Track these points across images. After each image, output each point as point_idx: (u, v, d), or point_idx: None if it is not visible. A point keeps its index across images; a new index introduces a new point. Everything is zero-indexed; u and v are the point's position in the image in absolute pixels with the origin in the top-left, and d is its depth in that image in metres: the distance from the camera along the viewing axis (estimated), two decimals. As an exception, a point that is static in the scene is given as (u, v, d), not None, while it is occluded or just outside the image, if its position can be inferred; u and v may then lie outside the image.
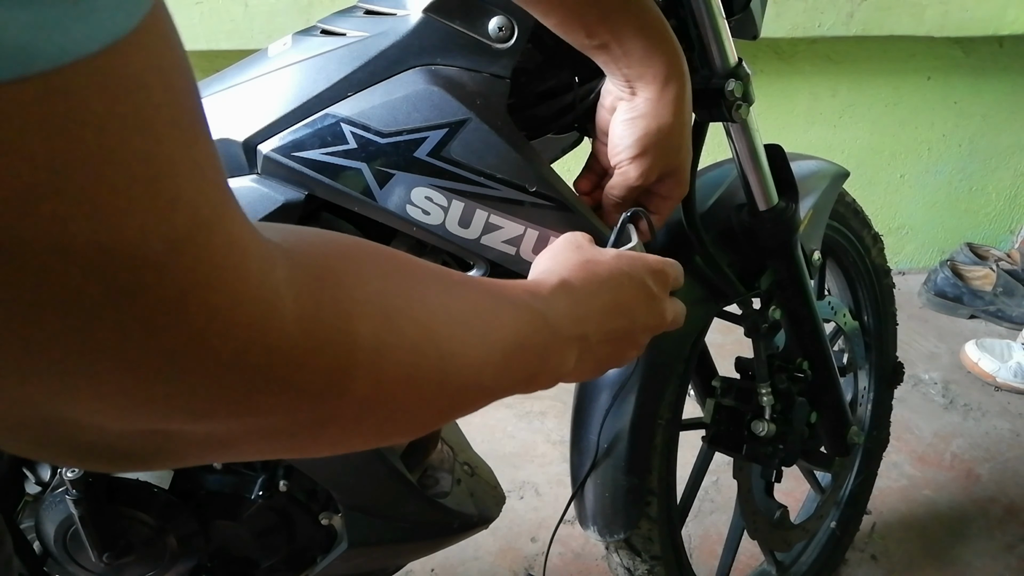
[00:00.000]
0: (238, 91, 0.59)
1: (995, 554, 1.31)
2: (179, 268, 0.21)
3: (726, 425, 0.85)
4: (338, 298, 0.28)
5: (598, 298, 0.46)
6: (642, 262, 0.50)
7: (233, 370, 0.24)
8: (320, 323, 0.27)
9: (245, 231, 0.24)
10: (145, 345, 0.21)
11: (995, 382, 1.72)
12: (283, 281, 0.25)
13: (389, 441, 0.36)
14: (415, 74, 0.56)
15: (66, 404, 0.22)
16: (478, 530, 0.80)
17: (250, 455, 0.31)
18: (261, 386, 0.25)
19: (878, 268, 1.08)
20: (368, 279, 0.31)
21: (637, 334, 0.49)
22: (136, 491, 0.69)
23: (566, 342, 0.43)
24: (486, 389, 0.37)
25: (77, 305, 0.19)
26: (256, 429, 0.27)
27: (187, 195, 0.21)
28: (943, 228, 2.20)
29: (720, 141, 0.68)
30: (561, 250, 0.50)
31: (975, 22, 1.77)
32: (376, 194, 0.56)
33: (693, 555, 1.27)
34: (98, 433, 0.24)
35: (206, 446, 0.27)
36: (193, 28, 1.49)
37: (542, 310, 0.41)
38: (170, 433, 0.25)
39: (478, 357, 0.36)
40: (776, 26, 1.69)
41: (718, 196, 0.78)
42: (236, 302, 0.23)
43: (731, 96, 0.59)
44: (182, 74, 0.21)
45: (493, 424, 1.55)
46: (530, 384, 0.42)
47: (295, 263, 0.27)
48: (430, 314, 0.33)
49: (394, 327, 0.31)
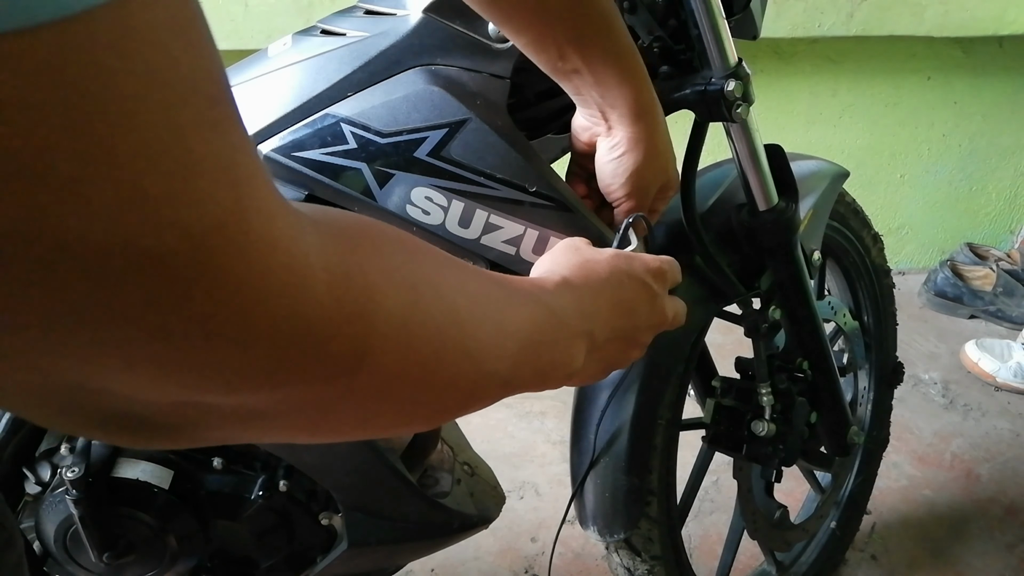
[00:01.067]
0: (238, 91, 0.59)
1: (995, 554, 1.31)
2: (206, 235, 0.20)
3: (726, 425, 0.85)
4: (366, 269, 0.28)
5: (601, 296, 0.46)
6: (640, 261, 0.50)
7: (266, 339, 0.23)
8: (350, 292, 0.26)
9: (274, 197, 0.23)
10: (176, 313, 0.20)
11: (995, 382, 1.72)
12: (313, 250, 0.25)
13: (412, 424, 0.36)
14: (415, 74, 0.56)
15: (97, 373, 0.21)
16: (478, 530, 0.80)
17: (278, 432, 0.30)
18: (294, 356, 0.25)
19: (878, 268, 1.08)
20: (392, 253, 0.31)
21: (640, 332, 0.50)
22: (136, 491, 0.69)
23: (575, 337, 0.43)
24: (503, 379, 0.37)
25: (103, 273, 0.18)
26: (287, 402, 0.26)
27: (211, 159, 0.20)
28: (943, 228, 2.20)
29: (720, 141, 0.68)
30: (560, 252, 0.50)
31: (975, 22, 1.77)
32: (376, 194, 0.56)
33: (693, 555, 1.27)
34: (128, 403, 0.24)
35: (236, 420, 0.27)
36: (193, 28, 1.49)
37: (550, 304, 0.41)
38: (201, 405, 0.25)
39: (496, 344, 0.36)
40: (776, 26, 1.69)
41: (718, 196, 0.78)
42: (267, 269, 0.22)
43: (731, 96, 0.59)
44: (201, 31, 0.20)
45: (493, 424, 1.55)
46: (543, 380, 0.41)
47: (325, 231, 0.27)
48: (452, 295, 0.33)
49: (420, 301, 0.31)
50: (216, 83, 0.21)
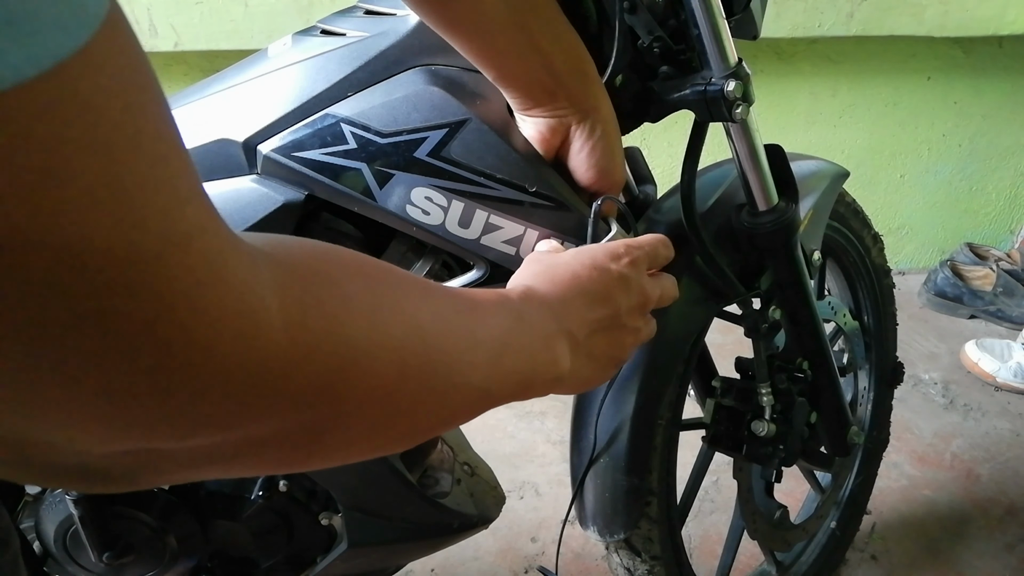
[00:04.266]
0: (238, 91, 0.59)
1: (995, 554, 1.31)
2: (152, 287, 0.20)
3: (726, 425, 0.85)
4: (324, 299, 0.28)
5: (569, 294, 0.46)
6: (600, 250, 0.50)
7: (219, 385, 0.23)
8: (308, 328, 0.26)
9: (226, 243, 0.23)
10: (120, 368, 0.20)
11: (995, 382, 1.72)
12: (269, 288, 0.25)
13: (386, 450, 0.35)
14: (415, 74, 0.56)
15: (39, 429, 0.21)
16: (478, 530, 0.80)
17: (241, 471, 0.29)
18: (250, 398, 0.24)
19: (878, 268, 1.08)
20: (350, 280, 0.31)
21: (625, 317, 0.49)
22: (136, 491, 0.69)
23: (551, 339, 0.43)
24: (479, 390, 0.37)
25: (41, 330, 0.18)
26: (246, 443, 0.26)
27: (155, 215, 0.20)
28: (943, 228, 2.20)
29: (720, 141, 0.68)
30: (523, 267, 0.50)
31: (975, 22, 1.77)
32: (376, 194, 0.56)
33: (693, 555, 1.27)
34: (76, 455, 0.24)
35: (192, 464, 0.26)
36: (193, 28, 1.49)
37: (517, 310, 0.42)
38: (153, 452, 0.25)
39: (466, 356, 0.36)
40: (776, 26, 1.69)
41: (718, 196, 0.78)
42: (219, 315, 0.22)
43: (731, 96, 0.59)
44: (143, 90, 0.20)
45: (493, 424, 1.55)
46: (527, 387, 0.41)
47: (279, 266, 0.26)
48: (414, 312, 0.33)
49: (381, 326, 0.30)
50: (161, 140, 0.21)
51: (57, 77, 0.17)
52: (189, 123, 0.60)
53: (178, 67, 1.62)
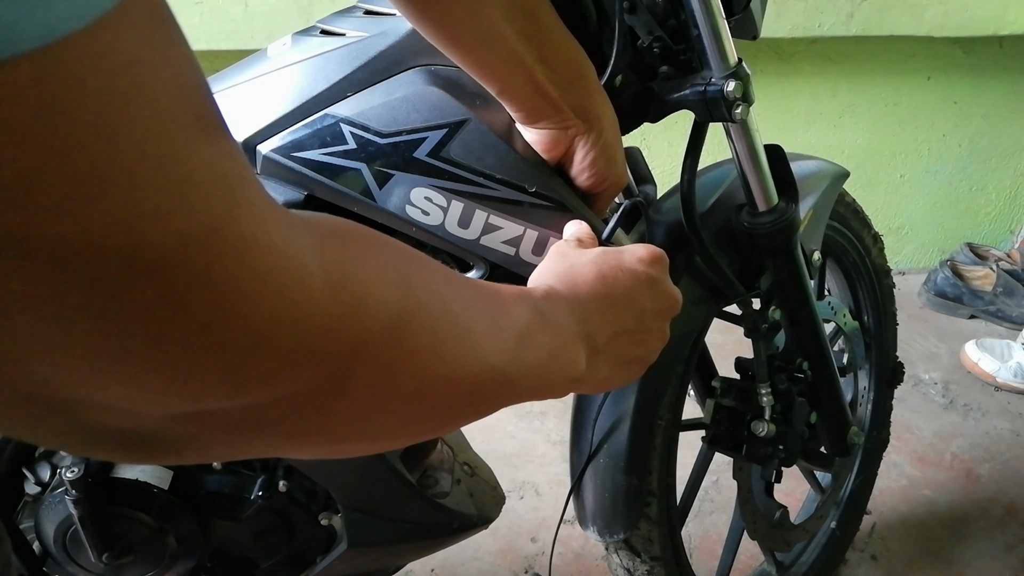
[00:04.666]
0: (238, 91, 0.59)
1: (995, 554, 1.31)
2: (202, 243, 0.20)
3: (726, 425, 0.85)
4: (361, 264, 0.29)
5: (592, 298, 0.45)
6: (630, 252, 0.49)
7: (266, 340, 0.24)
8: (347, 288, 0.27)
9: (267, 201, 0.24)
10: (174, 322, 0.21)
11: (995, 382, 1.72)
12: (308, 249, 0.25)
13: (417, 426, 0.35)
14: (415, 74, 0.56)
15: (96, 387, 0.22)
16: (478, 530, 0.80)
17: (280, 440, 0.30)
18: (294, 354, 0.25)
19: (878, 268, 1.08)
20: (383, 251, 0.31)
21: (649, 320, 0.49)
22: (136, 491, 0.69)
23: (571, 341, 0.42)
24: (506, 376, 0.36)
25: (98, 286, 0.19)
26: (287, 402, 0.27)
27: (202, 169, 0.20)
28: (943, 228, 2.20)
29: (720, 141, 0.68)
30: (548, 260, 0.50)
31: (975, 22, 1.77)
32: (376, 194, 0.56)
33: (693, 555, 1.27)
34: (127, 419, 0.24)
35: (236, 429, 0.27)
36: (193, 28, 1.49)
37: (540, 307, 0.41)
38: (202, 416, 0.25)
39: (494, 339, 0.35)
40: (776, 26, 1.69)
41: (718, 196, 0.78)
42: (264, 271, 0.23)
43: (731, 96, 0.59)
44: (179, 47, 0.20)
45: (493, 424, 1.55)
46: (548, 384, 0.41)
47: (317, 231, 0.27)
48: (443, 292, 0.33)
49: (413, 295, 0.31)
50: (200, 97, 0.21)
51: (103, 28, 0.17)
52: (189, 123, 0.59)
53: (178, 67, 1.62)
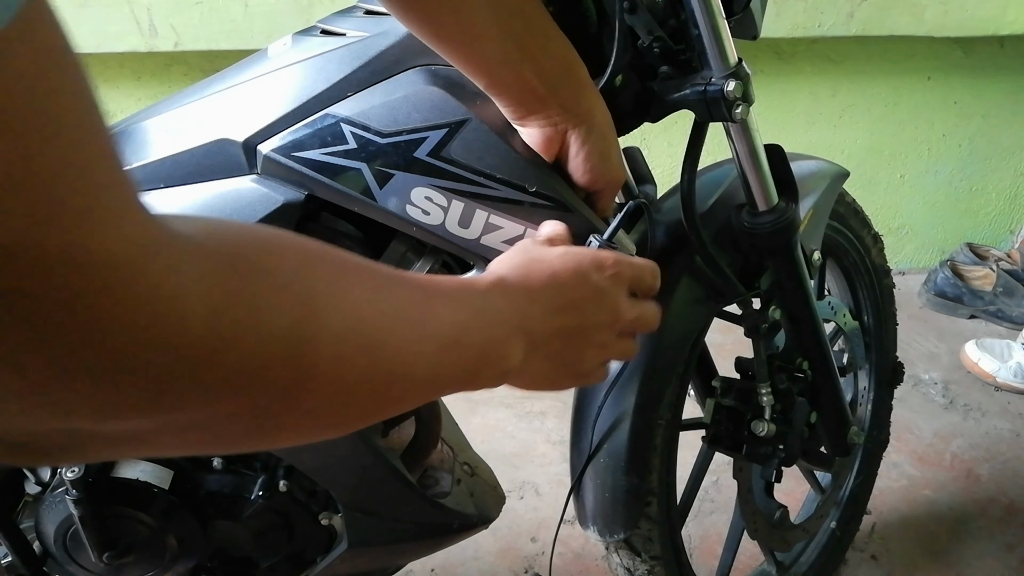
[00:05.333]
0: (238, 91, 0.59)
1: (995, 554, 1.31)
2: (67, 270, 0.20)
3: (726, 425, 0.85)
4: (253, 290, 0.28)
5: (540, 294, 0.45)
6: (588, 256, 0.49)
7: (134, 371, 0.23)
8: (231, 318, 0.26)
9: (147, 229, 0.23)
10: (35, 349, 0.20)
11: (995, 382, 1.72)
12: (192, 276, 0.25)
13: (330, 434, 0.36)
14: (415, 74, 0.56)
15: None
16: (478, 530, 0.80)
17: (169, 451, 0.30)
18: (167, 385, 0.24)
19: (878, 268, 1.08)
20: (283, 270, 0.31)
21: (590, 331, 0.48)
22: (136, 491, 0.69)
23: (507, 336, 0.43)
24: (422, 381, 0.37)
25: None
26: (169, 425, 0.26)
27: (76, 197, 0.20)
28: (943, 228, 2.20)
29: (720, 141, 0.68)
30: (509, 252, 0.50)
31: (975, 22, 1.77)
32: (376, 194, 0.56)
33: (693, 555, 1.27)
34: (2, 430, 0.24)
35: (116, 443, 0.27)
36: (193, 28, 1.49)
37: (478, 304, 0.41)
38: (74, 431, 0.25)
39: (411, 347, 0.36)
40: (776, 26, 1.69)
41: (718, 196, 0.78)
42: (134, 302, 0.22)
43: (731, 96, 0.59)
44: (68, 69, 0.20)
45: (493, 424, 1.55)
46: (473, 380, 0.41)
47: (209, 255, 0.26)
48: (355, 304, 0.33)
49: (315, 317, 0.30)
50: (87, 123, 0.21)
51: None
52: (189, 123, 0.60)
53: (178, 67, 1.62)
